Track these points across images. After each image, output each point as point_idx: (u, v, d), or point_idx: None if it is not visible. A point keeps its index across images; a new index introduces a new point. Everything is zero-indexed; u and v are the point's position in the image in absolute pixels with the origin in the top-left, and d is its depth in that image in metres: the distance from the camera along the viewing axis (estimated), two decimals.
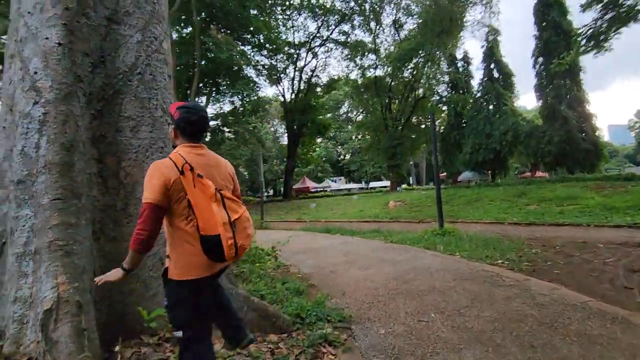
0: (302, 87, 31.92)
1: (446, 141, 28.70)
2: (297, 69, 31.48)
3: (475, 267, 5.19)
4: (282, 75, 31.45)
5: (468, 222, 11.37)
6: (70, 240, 2.15)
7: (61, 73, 2.41)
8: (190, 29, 22.28)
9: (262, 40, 26.12)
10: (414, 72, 27.01)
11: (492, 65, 26.66)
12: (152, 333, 2.57)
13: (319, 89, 33.64)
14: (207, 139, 22.35)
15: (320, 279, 5.19)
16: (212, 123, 25.58)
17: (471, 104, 27.26)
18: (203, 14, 21.67)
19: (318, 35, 30.12)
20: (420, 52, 24.76)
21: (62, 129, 2.31)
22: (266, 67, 29.28)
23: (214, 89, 25.75)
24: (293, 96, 31.83)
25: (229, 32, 22.58)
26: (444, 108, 30.77)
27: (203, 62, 21.18)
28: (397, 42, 26.98)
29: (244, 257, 5.29)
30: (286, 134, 34.95)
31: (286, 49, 29.33)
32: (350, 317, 3.39)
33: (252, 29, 24.19)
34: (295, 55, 30.84)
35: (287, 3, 27.40)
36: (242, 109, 26.64)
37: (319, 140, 44.14)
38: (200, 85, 23.89)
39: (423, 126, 30.62)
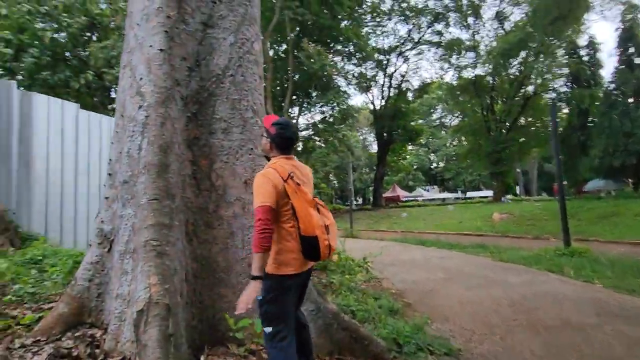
0: (391, 94, 31.12)
1: (567, 144, 24.06)
2: (386, 75, 30.83)
3: (625, 302, 4.01)
4: (371, 83, 31.17)
5: (603, 242, 9.24)
6: (163, 241, 2.15)
7: (161, 77, 2.49)
8: (284, 46, 23.72)
9: (352, 50, 26.32)
10: (523, 67, 23.83)
11: (630, 50, 21.82)
12: (239, 343, 2.44)
13: (409, 94, 32.36)
14: (299, 148, 23.34)
15: (417, 297, 4.61)
16: (303, 132, 26.67)
17: (601, 99, 22.60)
18: (297, 29, 22.83)
19: (409, 38, 29.08)
20: (530, 43, 21.73)
21: (160, 131, 2.36)
22: (355, 75, 29.39)
23: (305, 99, 26.84)
24: (382, 103, 31.24)
25: (320, 45, 23.33)
26: (563, 106, 26.31)
27: (296, 76, 22.24)
28: (500, 36, 24.26)
29: (332, 268, 5.04)
30: (375, 142, 34.40)
31: (376, 55, 28.99)
32: (459, 350, 2.80)
33: (342, 39, 24.57)
34: (385, 62, 30.29)
35: (378, 10, 27.12)
36: (332, 118, 27.14)
37: (409, 147, 42.35)
38: (294, 97, 25.14)
39: (534, 128, 26.71)
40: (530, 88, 25.02)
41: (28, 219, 5.91)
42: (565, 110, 26.34)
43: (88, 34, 19.48)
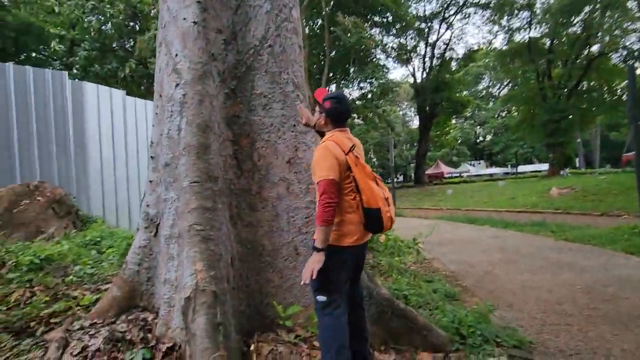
0: (434, 64, 29.30)
1: None
2: (428, 44, 28.98)
3: None
4: (412, 54, 29.52)
5: None
6: (207, 225, 2.04)
7: (197, 53, 2.34)
8: (319, 22, 22.95)
9: (390, 19, 24.89)
10: (586, 25, 21.13)
11: None
12: (289, 329, 2.34)
13: (454, 64, 30.27)
14: None
15: (473, 280, 4.28)
16: None
17: None
18: (332, 2, 21.95)
19: (453, 1, 26.88)
20: None
21: (198, 109, 2.23)
22: (395, 47, 27.92)
23: (343, 76, 26.10)
24: (424, 75, 29.57)
25: (356, 17, 22.26)
26: (635, 65, 23.12)
27: (332, 52, 21.53)
28: None
29: (380, 249, 4.82)
30: (417, 116, 32.93)
31: (416, 24, 27.23)
32: (530, 343, 2.49)
33: (379, 8, 23.26)
34: (426, 30, 28.39)
35: None
36: (370, 93, 26.21)
37: (453, 121, 40.06)
38: (330, 74, 24.50)
39: (596, 93, 23.85)
40: (595, 48, 22.24)
41: (87, 202, 6.29)
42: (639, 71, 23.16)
43: (131, 23, 20.20)
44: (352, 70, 25.15)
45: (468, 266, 4.91)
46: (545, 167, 35.64)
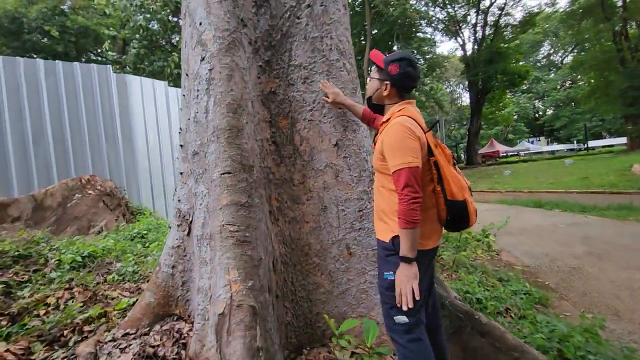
0: (487, 33, 26.77)
1: None
2: (480, 11, 26.47)
3: None
4: (461, 25, 27.21)
5: None
6: (242, 225, 1.70)
7: (223, 19, 1.96)
8: None
9: None
10: None
11: None
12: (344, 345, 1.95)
13: (509, 31, 27.42)
14: None
15: (557, 278, 3.61)
16: None
17: None
18: None
19: None
20: None
21: (227, 85, 1.86)
22: (442, 19, 25.88)
23: (387, 53, 24.85)
24: (475, 46, 27.19)
25: None
26: None
27: (374, 31, 20.38)
28: None
29: (441, 242, 4.27)
30: (467, 93, 30.60)
31: None
32: None
33: None
34: None
35: None
36: None
37: (508, 95, 36.65)
38: None
39: None
40: None
41: (137, 194, 6.39)
42: None
43: (174, 18, 20.71)
44: (395, 47, 23.78)
45: (547, 260, 4.20)
46: (618, 141, 31.53)
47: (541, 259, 4.29)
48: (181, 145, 2.21)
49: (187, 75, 2.19)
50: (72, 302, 2.33)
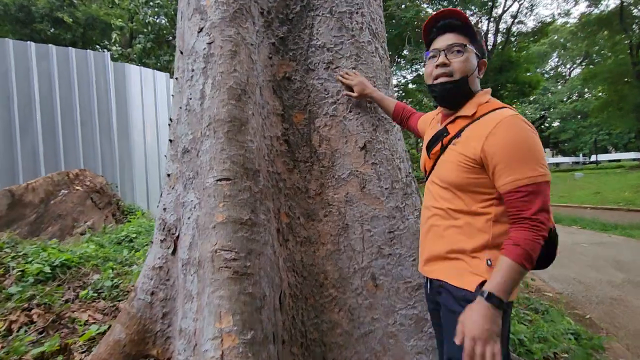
0: (499, 41, 26.34)
1: None
2: (492, 19, 26.04)
3: None
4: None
5: None
6: (241, 251, 1.26)
7: None
8: None
9: None
10: None
11: None
12: None
13: (521, 39, 27.00)
14: None
15: (598, 310, 3.16)
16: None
17: None
18: None
19: None
20: None
21: (229, 65, 1.42)
22: None
23: (397, 59, 24.48)
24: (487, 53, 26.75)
25: None
26: None
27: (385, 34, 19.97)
28: None
29: None
30: None
31: None
32: None
33: None
34: (489, 2, 25.45)
35: None
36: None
37: (516, 105, 36.14)
38: None
39: None
40: None
41: (131, 192, 5.96)
42: None
43: None
44: (405, 51, 23.37)
45: (582, 287, 3.75)
46: (625, 156, 31.13)
47: (573, 285, 3.84)
48: (170, 140, 1.78)
49: (181, 53, 1.75)
50: (30, 327, 1.89)
